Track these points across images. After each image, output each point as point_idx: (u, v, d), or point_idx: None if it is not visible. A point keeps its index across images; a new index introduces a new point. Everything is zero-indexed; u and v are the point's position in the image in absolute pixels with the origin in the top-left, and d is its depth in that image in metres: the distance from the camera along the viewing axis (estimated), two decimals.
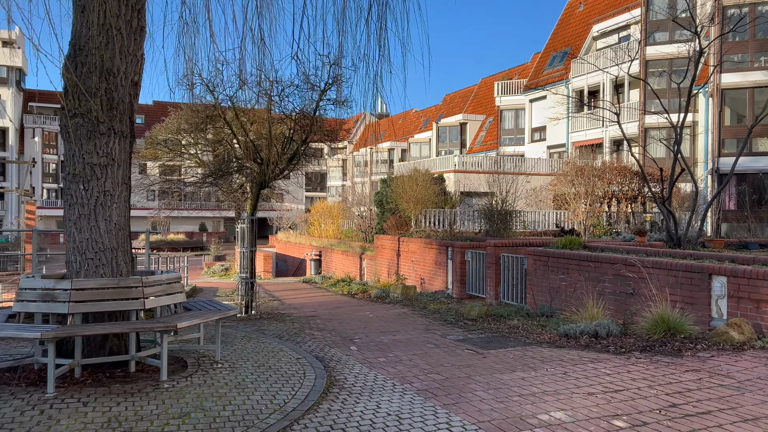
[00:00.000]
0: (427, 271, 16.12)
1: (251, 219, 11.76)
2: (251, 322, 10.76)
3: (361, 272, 20.53)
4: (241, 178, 12.67)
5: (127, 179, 6.20)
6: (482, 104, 46.35)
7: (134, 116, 6.31)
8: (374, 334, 9.14)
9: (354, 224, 28.44)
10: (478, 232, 17.46)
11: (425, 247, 16.20)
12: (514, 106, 38.37)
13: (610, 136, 30.98)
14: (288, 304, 14.27)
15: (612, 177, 21.96)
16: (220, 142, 11.63)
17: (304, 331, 9.51)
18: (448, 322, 10.43)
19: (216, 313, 6.22)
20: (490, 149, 39.62)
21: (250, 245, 11.83)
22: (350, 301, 14.96)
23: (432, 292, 15.51)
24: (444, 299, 14.28)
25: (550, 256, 11.47)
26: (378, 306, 13.34)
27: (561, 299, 10.84)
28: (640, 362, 6.87)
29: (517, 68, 44.69)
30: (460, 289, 14.58)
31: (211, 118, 10.89)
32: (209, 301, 7.33)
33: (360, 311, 12.42)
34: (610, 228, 21.34)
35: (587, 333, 8.46)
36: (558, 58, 36.01)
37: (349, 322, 10.65)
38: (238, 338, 7.98)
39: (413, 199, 18.55)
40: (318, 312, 12.39)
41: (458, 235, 16.35)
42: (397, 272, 17.29)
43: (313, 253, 25.00)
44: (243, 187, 13.15)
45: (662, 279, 9.04)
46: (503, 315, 10.62)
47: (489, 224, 15.90)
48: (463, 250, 14.58)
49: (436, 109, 55.22)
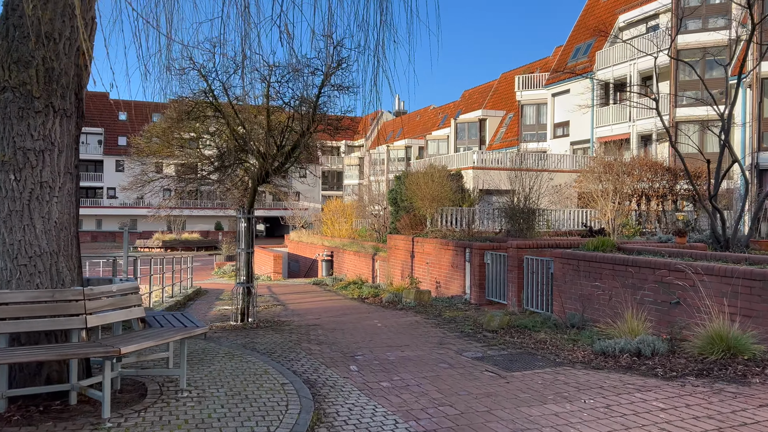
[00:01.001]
0: (443, 274, 14.92)
1: (248, 218, 10.68)
2: (245, 332, 9.67)
3: (373, 274, 19.39)
4: (241, 172, 11.55)
5: (72, 168, 5.12)
6: (502, 99, 44.93)
7: (82, 92, 5.23)
8: (380, 349, 7.98)
9: (368, 224, 27.33)
10: (498, 232, 16.21)
11: (441, 248, 15.01)
12: (535, 100, 36.92)
13: (637, 131, 29.45)
14: (291, 310, 13.18)
15: (642, 173, 20.55)
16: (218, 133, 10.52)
17: (301, 344, 8.38)
18: (465, 333, 9.24)
19: (178, 331, 5.11)
20: (510, 146, 38.21)
21: (247, 246, 10.74)
22: (359, 306, 13.82)
23: (448, 297, 14.31)
24: (461, 305, 13.08)
25: (581, 259, 10.20)
26: (388, 313, 12.19)
27: (593, 308, 9.59)
28: (699, 392, 5.62)
29: (538, 62, 43.20)
30: (478, 294, 13.36)
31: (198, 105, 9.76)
32: (181, 314, 6.23)
33: (368, 319, 11.28)
34: (640, 228, 19.93)
35: (628, 351, 7.22)
36: (582, 50, 34.50)
37: (354, 332, 9.51)
38: (220, 356, 6.87)
39: (429, 196, 17.36)
40: (322, 320, 11.27)
41: (477, 235, 15.13)
42: (411, 275, 16.11)
43: (324, 254, 23.92)
44: (245, 183, 12.09)
45: (714, 287, 7.75)
46: (528, 326, 9.39)
47: (511, 223, 14.65)
48: (482, 251, 13.36)
49: (454, 105, 53.88)
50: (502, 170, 22.86)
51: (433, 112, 58.48)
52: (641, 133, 29.38)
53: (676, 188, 21.46)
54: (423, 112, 61.07)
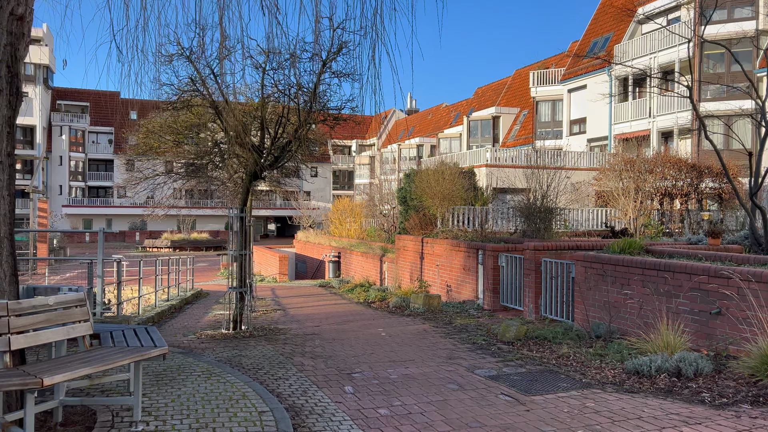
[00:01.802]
0: (454, 277, 13.99)
1: (241, 216, 9.82)
2: (235, 342, 8.81)
3: (381, 276, 18.49)
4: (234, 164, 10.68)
5: (3, 156, 4.27)
6: (516, 96, 43.83)
7: (18, 65, 4.37)
8: (381, 365, 7.07)
9: (377, 223, 26.44)
10: (513, 232, 15.24)
11: (452, 250, 14.07)
12: (551, 97, 35.81)
13: (657, 127, 28.29)
14: (291, 316, 12.31)
15: (665, 171, 19.47)
16: (200, 126, 9.64)
17: (294, 357, 7.49)
18: (478, 346, 8.31)
19: (129, 353, 4.23)
20: (524, 143, 37.14)
21: (241, 248, 9.88)
22: (364, 312, 12.93)
23: (460, 302, 13.37)
24: (473, 311, 12.14)
25: (606, 262, 9.23)
26: (395, 320, 11.28)
27: (621, 317, 8.62)
28: (760, 425, 4.66)
29: (553, 58, 42.05)
30: (492, 299, 12.41)
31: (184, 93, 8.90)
32: (146, 329, 5.36)
33: (372, 327, 10.38)
34: (662, 228, 18.86)
35: (666, 370, 6.26)
36: (599, 44, 33.35)
37: (354, 343, 8.61)
38: (195, 374, 6.00)
39: (439, 194, 16.43)
40: (322, 327, 10.39)
41: (490, 235, 14.18)
42: (420, 278, 15.19)
43: (331, 255, 23.06)
44: (240, 177, 11.33)
45: (764, 296, 6.76)
46: (548, 337, 8.44)
47: (527, 223, 13.69)
48: (496, 253, 12.41)
49: (467, 103, 52.82)
50: (518, 168, 21.88)
51: (445, 110, 57.46)
52: (662, 130, 28.22)
53: (701, 186, 20.36)
54: (435, 110, 60.07)
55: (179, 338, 9.18)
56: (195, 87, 8.92)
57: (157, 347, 4.42)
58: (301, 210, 34.01)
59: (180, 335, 9.54)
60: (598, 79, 32.29)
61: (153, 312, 11.66)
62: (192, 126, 10.08)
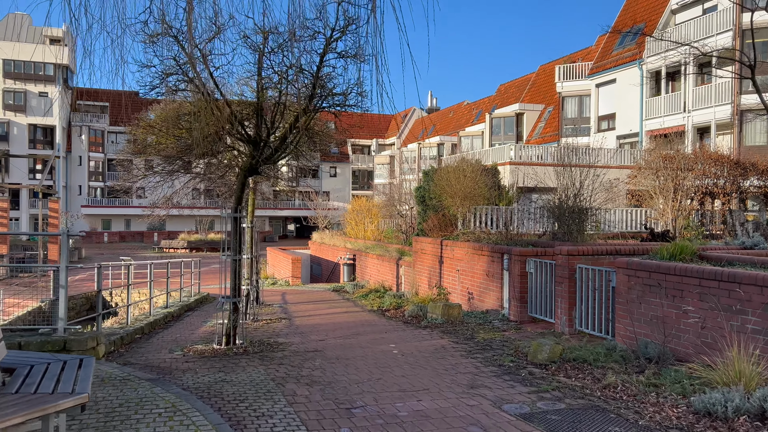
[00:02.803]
0: (477, 283, 12.73)
1: (235, 217, 8.69)
2: (224, 361, 7.68)
3: (397, 281, 17.30)
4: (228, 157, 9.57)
5: None
6: (541, 93, 42.29)
7: None
8: (389, 396, 5.87)
9: (395, 224, 25.26)
10: (542, 234, 13.92)
11: (474, 254, 12.81)
12: (577, 92, 34.25)
13: (693, 122, 26.64)
14: (295, 326, 11.17)
15: (706, 168, 17.95)
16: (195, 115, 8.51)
17: (286, 384, 6.32)
18: (505, 369, 7.06)
19: (26, 406, 3.08)
20: (549, 141, 35.60)
21: (235, 252, 8.76)
22: (377, 322, 11.74)
23: (482, 311, 12.12)
24: (498, 323, 10.88)
25: (654, 270, 7.92)
26: (410, 333, 10.07)
27: (674, 336, 7.31)
28: None
29: (579, 52, 40.44)
30: (519, 309, 11.13)
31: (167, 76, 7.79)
32: (79, 360, 4.21)
33: (384, 341, 9.18)
34: (703, 229, 17.34)
35: (747, 412, 4.96)
36: (629, 37, 31.70)
37: (361, 364, 7.42)
38: (157, 411, 4.85)
39: (460, 193, 15.18)
40: (327, 342, 9.22)
41: (516, 238, 12.89)
42: (439, 284, 13.96)
43: (346, 257, 21.92)
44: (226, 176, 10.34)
45: None
46: (587, 359, 7.16)
47: (557, 224, 12.38)
48: (523, 258, 11.13)
49: (489, 100, 51.34)
50: (545, 165, 20.53)
51: (466, 107, 56.04)
52: (698, 125, 26.56)
53: (744, 185, 18.79)
54: (456, 108, 58.68)
55: (162, 355, 8.08)
56: (182, 70, 7.82)
57: (74, 395, 3.28)
58: (317, 210, 32.95)
59: (165, 351, 8.45)
60: (628, 73, 30.70)
61: (144, 322, 10.61)
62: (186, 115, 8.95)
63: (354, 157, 71.55)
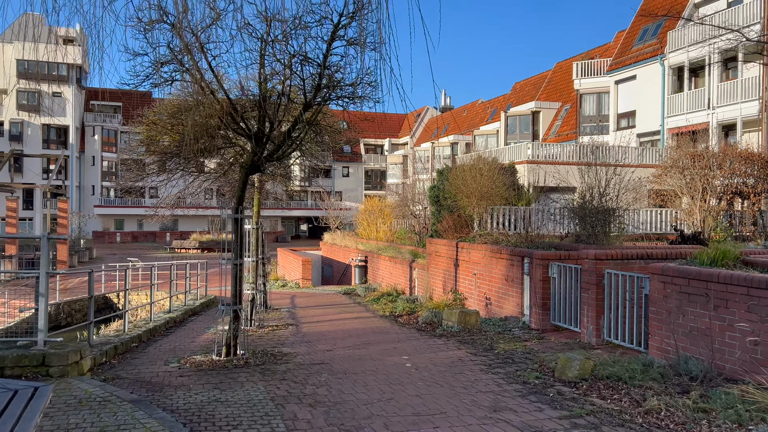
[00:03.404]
0: (495, 288, 12.01)
1: (236, 218, 8.06)
2: (222, 374, 7.05)
3: (411, 284, 16.61)
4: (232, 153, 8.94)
5: None
6: (557, 90, 41.37)
7: None
8: (400, 422, 5.19)
9: (408, 225, 24.57)
10: (564, 236, 13.16)
11: (492, 257, 12.10)
12: (596, 89, 33.33)
13: (717, 119, 25.66)
14: (303, 334, 10.52)
15: (736, 166, 17.06)
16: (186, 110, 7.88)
17: (287, 405, 5.67)
18: (531, 387, 6.36)
19: None
20: (566, 140, 34.71)
21: (236, 255, 8.13)
22: (389, 329, 11.07)
23: (501, 318, 11.41)
24: (518, 331, 10.17)
25: (693, 277, 7.18)
26: (424, 342, 9.38)
27: (719, 350, 6.57)
28: None
29: (597, 49, 39.48)
30: (541, 316, 10.40)
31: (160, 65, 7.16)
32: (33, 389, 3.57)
33: (396, 353, 8.51)
34: (732, 231, 16.46)
35: None
36: (650, 32, 30.76)
37: (370, 380, 6.75)
38: None
39: (476, 193, 14.46)
40: (335, 353, 8.56)
41: (537, 240, 12.15)
42: (455, 288, 13.25)
43: (358, 259, 21.27)
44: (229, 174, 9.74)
45: None
46: (622, 377, 6.44)
47: (580, 226, 11.63)
48: (545, 262, 10.40)
49: (504, 98, 50.46)
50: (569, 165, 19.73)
51: (481, 106, 55.19)
52: (722, 122, 25.57)
53: None
54: (470, 107, 57.85)
55: (156, 368, 7.47)
56: (177, 59, 7.20)
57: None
58: (328, 210, 32.31)
59: (160, 362, 7.84)
60: (649, 69, 29.76)
61: (143, 329, 10.02)
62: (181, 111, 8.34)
63: (367, 157, 70.93)
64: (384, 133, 72.29)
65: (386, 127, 73.30)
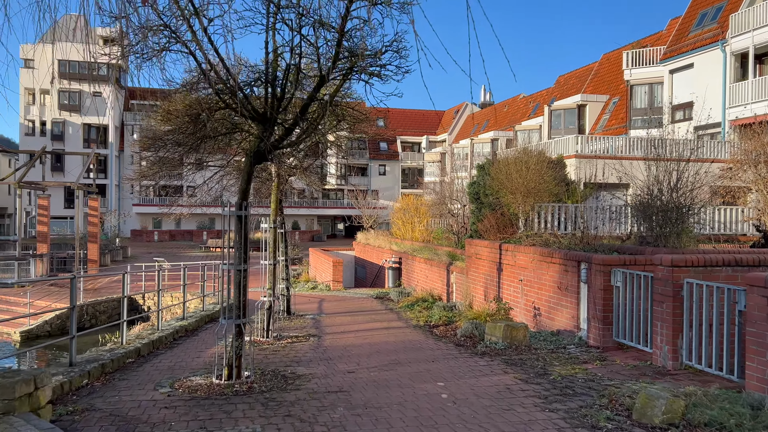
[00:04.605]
0: (545, 297, 10.48)
1: (239, 215, 6.79)
2: (218, 405, 5.78)
3: (448, 289, 15.16)
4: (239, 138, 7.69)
5: None
6: (605, 83, 39.15)
7: None
8: None
9: (446, 224, 23.09)
10: (626, 237, 11.51)
11: (542, 261, 10.57)
12: (648, 79, 31.14)
13: None
14: (323, 349, 9.21)
15: None
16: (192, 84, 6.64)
17: None
18: None
19: None
20: (615, 134, 32.60)
21: (239, 260, 6.86)
22: (423, 343, 9.67)
23: (552, 332, 9.88)
24: (575, 349, 8.66)
25: None
26: (463, 363, 7.96)
27: None
28: None
29: (648, 38, 37.11)
30: (601, 332, 8.84)
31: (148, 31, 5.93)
32: None
33: (429, 377, 7.11)
34: None
35: None
36: (709, 16, 28.47)
37: (395, 419, 5.38)
38: None
39: (522, 189, 12.93)
40: (357, 376, 7.21)
41: (594, 242, 10.55)
42: (498, 296, 11.76)
43: (391, 260, 19.91)
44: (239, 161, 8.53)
45: None
46: (725, 424, 4.92)
47: (647, 225, 10.00)
48: (607, 268, 8.83)
49: (547, 92, 48.34)
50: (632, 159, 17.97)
51: (522, 101, 53.12)
52: None
53: None
54: (511, 102, 55.81)
55: (142, 394, 6.26)
56: (163, 21, 5.96)
57: None
58: (361, 209, 31.03)
59: (150, 386, 6.64)
60: (708, 57, 27.50)
61: (144, 341, 8.88)
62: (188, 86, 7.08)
63: (404, 155, 69.50)
64: (421, 131, 70.74)
65: (424, 124, 71.74)
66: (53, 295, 22.35)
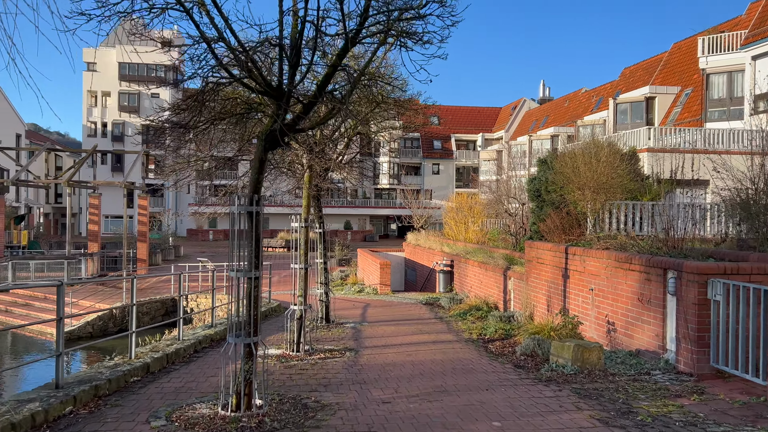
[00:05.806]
0: (621, 311, 8.86)
1: (250, 211, 5.60)
2: None
3: (505, 296, 13.64)
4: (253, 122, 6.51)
5: None
6: (675, 73, 36.38)
7: None
8: None
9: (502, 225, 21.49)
10: (721, 240, 9.75)
11: (617, 267, 8.96)
12: (727, 67, 28.48)
13: None
14: (358, 368, 7.94)
15: None
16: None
17: None
18: None
19: None
20: (688, 127, 30.03)
21: (251, 265, 5.67)
22: (476, 363, 8.27)
23: (630, 351, 8.29)
24: (661, 376, 7.09)
25: None
26: (524, 392, 6.53)
27: None
28: None
29: (726, 23, 34.19)
30: (695, 355, 7.21)
31: None
32: None
33: (482, 413, 5.73)
34: None
35: None
36: None
37: None
38: None
39: (591, 184, 11.32)
40: (392, 409, 5.90)
41: (681, 246, 8.86)
42: (564, 308, 10.20)
43: (443, 263, 18.49)
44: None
45: None
46: None
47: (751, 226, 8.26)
48: (703, 277, 7.19)
49: (611, 85, 45.64)
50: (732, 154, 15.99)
51: (585, 95, 50.49)
52: None
53: None
54: (572, 97, 53.20)
55: (131, 427, 5.16)
56: None
57: None
58: (412, 208, 29.66)
59: (144, 416, 5.54)
60: None
61: (156, 355, 7.84)
62: None
63: (458, 153, 67.66)
64: (477, 128, 68.71)
65: (479, 122, 69.67)
66: (98, 295, 22.03)
